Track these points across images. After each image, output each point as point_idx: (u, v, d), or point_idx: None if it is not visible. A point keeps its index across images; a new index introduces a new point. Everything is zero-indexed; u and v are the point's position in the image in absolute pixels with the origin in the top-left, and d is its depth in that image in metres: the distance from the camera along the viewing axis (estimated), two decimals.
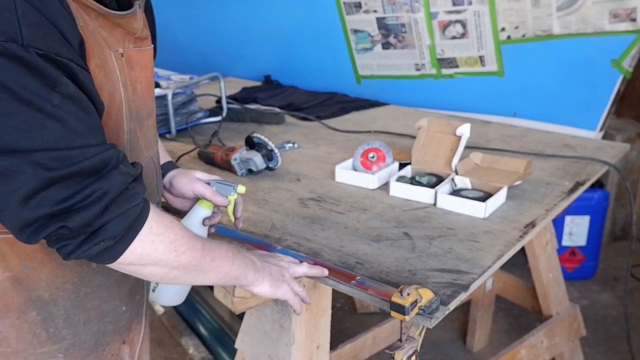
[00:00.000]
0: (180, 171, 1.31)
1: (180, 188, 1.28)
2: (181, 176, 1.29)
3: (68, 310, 1.05)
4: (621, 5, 2.15)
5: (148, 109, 1.10)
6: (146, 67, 1.08)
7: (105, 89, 0.94)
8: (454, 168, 1.70)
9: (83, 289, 1.06)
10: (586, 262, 3.36)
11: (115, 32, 0.99)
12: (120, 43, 1.00)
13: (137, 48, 1.05)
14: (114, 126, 0.99)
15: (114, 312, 1.13)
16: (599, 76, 2.33)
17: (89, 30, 0.91)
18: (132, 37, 1.03)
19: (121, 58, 1.00)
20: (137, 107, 1.06)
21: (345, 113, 2.55)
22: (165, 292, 1.28)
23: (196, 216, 1.26)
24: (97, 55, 0.92)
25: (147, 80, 1.09)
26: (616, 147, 2.04)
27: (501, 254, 1.33)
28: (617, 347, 2.82)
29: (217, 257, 1.04)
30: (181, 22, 3.27)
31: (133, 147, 1.05)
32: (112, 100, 0.96)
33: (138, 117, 1.06)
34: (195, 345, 2.63)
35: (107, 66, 0.95)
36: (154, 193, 1.17)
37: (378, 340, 2.24)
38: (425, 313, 1.09)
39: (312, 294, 1.40)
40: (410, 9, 2.53)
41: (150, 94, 1.11)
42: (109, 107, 0.95)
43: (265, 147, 1.82)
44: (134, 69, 1.04)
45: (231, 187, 1.27)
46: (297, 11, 2.86)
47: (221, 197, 1.26)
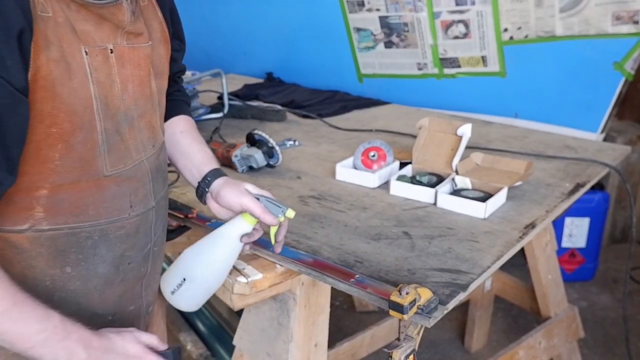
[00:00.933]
0: (229, 181, 1.24)
1: (228, 200, 1.20)
2: (230, 187, 1.22)
3: None
4: (624, 7, 2.15)
5: (140, 110, 1.05)
6: (139, 65, 1.03)
7: (67, 85, 0.89)
8: (455, 168, 1.70)
9: (57, 293, 1.01)
10: (585, 264, 3.36)
11: (103, 26, 0.95)
12: (109, 39, 0.97)
13: (130, 45, 1.01)
14: (85, 125, 0.93)
15: (96, 320, 1.06)
16: (600, 78, 2.33)
17: (57, 21, 0.87)
18: (124, 33, 0.99)
19: (109, 55, 0.96)
20: (127, 107, 1.01)
21: (347, 111, 2.55)
22: (185, 298, 1.22)
23: (236, 229, 1.20)
24: (57, 48, 0.87)
25: (141, 79, 1.04)
26: (617, 149, 2.04)
27: (500, 254, 1.33)
28: (615, 349, 2.82)
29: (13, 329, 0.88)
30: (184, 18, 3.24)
31: (114, 149, 1.00)
32: (77, 98, 0.91)
33: (127, 118, 1.01)
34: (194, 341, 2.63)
35: (72, 61, 0.90)
36: (145, 198, 1.10)
37: (376, 338, 2.25)
38: (424, 312, 1.09)
39: (311, 291, 1.40)
40: (413, 8, 2.53)
41: (144, 94, 1.05)
42: (73, 105, 0.91)
43: (266, 144, 1.82)
44: (125, 66, 1.00)
45: (280, 209, 1.20)
46: (300, 9, 2.86)
47: (271, 215, 1.18)
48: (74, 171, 0.95)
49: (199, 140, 1.32)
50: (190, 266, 1.21)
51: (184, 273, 1.21)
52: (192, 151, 1.28)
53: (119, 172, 1.02)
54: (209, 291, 1.24)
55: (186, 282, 1.19)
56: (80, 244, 1.00)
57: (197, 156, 1.28)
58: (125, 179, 1.03)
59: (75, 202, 0.97)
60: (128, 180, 1.04)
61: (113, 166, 1.00)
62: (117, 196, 1.03)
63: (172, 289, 1.21)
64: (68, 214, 0.97)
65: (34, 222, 0.95)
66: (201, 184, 1.25)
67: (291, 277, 1.35)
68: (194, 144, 1.30)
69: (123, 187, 1.04)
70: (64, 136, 0.92)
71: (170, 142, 1.28)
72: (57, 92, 0.88)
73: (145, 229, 1.11)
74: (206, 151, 1.30)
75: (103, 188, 1.00)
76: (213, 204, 1.25)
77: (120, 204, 1.04)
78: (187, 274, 1.20)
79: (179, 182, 1.71)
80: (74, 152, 0.94)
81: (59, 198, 0.95)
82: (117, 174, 1.01)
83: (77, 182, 0.96)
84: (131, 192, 1.06)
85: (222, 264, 1.21)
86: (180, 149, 1.29)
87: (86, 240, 1.01)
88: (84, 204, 0.98)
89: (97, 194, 1.00)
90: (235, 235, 1.20)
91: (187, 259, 1.22)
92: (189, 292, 1.21)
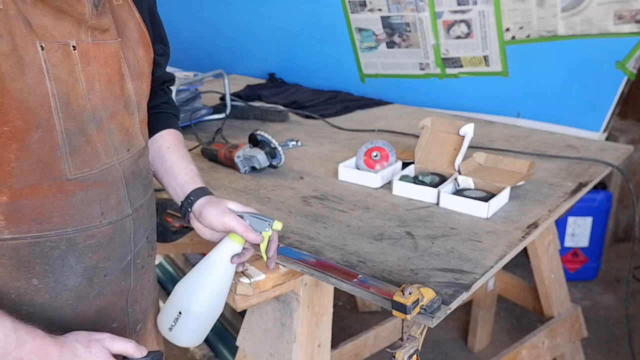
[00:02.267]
0: (212, 200, 1.19)
1: (210, 220, 1.15)
2: (212, 206, 1.17)
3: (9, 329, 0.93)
4: (626, 6, 2.15)
5: (110, 110, 1.00)
6: (106, 62, 0.98)
7: (19, 80, 0.85)
8: (457, 168, 1.70)
9: (24, 307, 0.95)
10: (588, 264, 3.35)
11: (64, 21, 0.91)
12: (72, 34, 0.92)
13: (95, 41, 0.96)
14: (41, 124, 0.89)
15: None
16: (603, 77, 2.33)
17: (8, 14, 0.84)
18: (87, 28, 0.95)
19: (71, 51, 0.92)
20: (94, 107, 0.96)
21: (349, 112, 2.55)
22: (184, 332, 1.15)
23: (224, 252, 1.14)
24: (6, 42, 0.83)
25: (109, 77, 0.99)
26: (620, 149, 2.03)
27: (503, 254, 1.33)
28: (618, 348, 2.82)
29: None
30: (186, 19, 3.27)
31: (77, 150, 0.94)
32: (31, 94, 0.87)
33: (94, 118, 0.96)
34: None
35: (25, 55, 0.86)
36: (119, 205, 1.04)
37: (379, 339, 2.25)
38: (427, 312, 1.09)
39: (314, 292, 1.40)
40: (415, 8, 2.53)
41: (113, 93, 1.00)
42: (27, 101, 0.86)
43: (269, 145, 1.82)
44: (91, 64, 0.95)
45: (266, 223, 1.15)
46: (302, 9, 2.86)
47: (254, 233, 1.14)
48: (33, 174, 0.90)
49: (185, 157, 1.28)
50: (184, 299, 1.14)
51: (178, 307, 1.14)
52: (177, 169, 1.24)
53: (85, 175, 0.96)
54: (208, 322, 1.17)
55: (182, 316, 1.13)
56: (46, 254, 0.95)
57: (181, 174, 1.24)
58: (93, 183, 0.98)
59: (37, 208, 0.92)
60: (97, 185, 0.99)
61: (77, 169, 0.95)
62: (85, 202, 0.97)
63: (169, 325, 1.15)
64: (31, 222, 0.92)
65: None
66: (184, 203, 1.21)
67: (294, 277, 1.35)
68: (180, 162, 1.25)
69: (91, 192, 0.98)
70: (18, 135, 0.87)
71: (156, 158, 1.25)
72: (7, 88, 0.84)
73: (122, 239, 1.05)
74: (191, 169, 1.26)
75: (68, 193, 0.95)
76: (196, 224, 1.21)
77: (89, 211, 0.98)
78: (182, 307, 1.13)
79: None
80: (30, 152, 0.89)
81: (20, 204, 0.90)
82: (82, 177, 0.96)
83: (39, 186, 0.91)
84: (101, 198, 1.00)
85: (216, 292, 1.15)
86: (166, 166, 1.25)
87: (52, 250, 0.95)
88: (48, 211, 0.93)
89: (61, 200, 0.94)
90: (225, 259, 1.14)
91: (180, 292, 1.15)
92: (186, 327, 1.14)
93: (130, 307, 1.13)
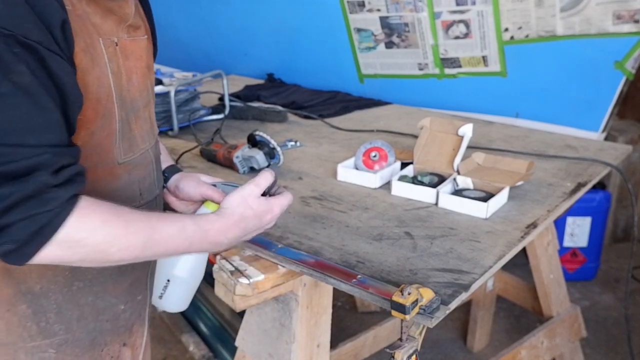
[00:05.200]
0: (185, 175, 1.29)
1: (188, 191, 1.24)
2: (187, 179, 1.26)
3: (60, 304, 1.03)
4: (625, 6, 2.15)
5: (144, 100, 1.09)
6: (141, 57, 1.07)
7: (92, 74, 0.93)
8: (456, 168, 1.70)
9: (75, 282, 1.04)
10: (587, 264, 3.35)
11: (108, 19, 0.98)
12: (114, 32, 0.99)
13: (130, 38, 1.04)
14: (106, 113, 0.97)
15: (110, 310, 1.11)
16: (602, 77, 2.33)
17: (77, 14, 0.90)
18: (125, 26, 1.02)
19: (115, 47, 0.99)
20: (133, 98, 1.04)
21: (348, 112, 2.55)
22: (173, 298, 1.26)
23: None
24: (83, 39, 0.91)
25: (142, 70, 1.08)
26: (618, 149, 2.03)
27: (502, 254, 1.33)
28: (617, 348, 2.82)
29: (164, 248, 0.97)
30: (184, 19, 3.27)
31: (125, 137, 1.04)
32: (100, 86, 0.95)
33: (133, 108, 1.05)
34: (196, 342, 2.64)
35: (94, 52, 0.93)
36: (151, 186, 1.15)
37: (378, 339, 2.25)
38: (426, 312, 1.09)
39: (313, 292, 1.40)
40: (414, 9, 2.53)
41: (146, 85, 1.09)
42: (98, 93, 0.94)
43: (268, 145, 1.82)
44: (129, 58, 1.03)
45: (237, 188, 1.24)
46: (301, 9, 2.86)
47: None
48: (92, 158, 0.98)
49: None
50: (170, 267, 1.24)
51: (166, 275, 1.24)
52: None
53: (130, 160, 1.06)
54: (193, 286, 1.29)
55: (170, 283, 1.24)
56: None
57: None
58: (134, 167, 1.07)
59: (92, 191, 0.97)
60: (136, 169, 1.08)
61: (125, 154, 1.04)
62: (128, 184, 1.07)
63: (159, 293, 1.25)
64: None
65: None
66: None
67: (293, 278, 1.35)
68: None
69: (133, 175, 1.07)
70: (87, 124, 0.94)
71: None
72: (86, 81, 0.92)
73: None
74: (162, 149, 1.33)
75: (116, 176, 1.04)
76: (171, 199, 1.28)
77: (132, 192, 1.08)
78: (169, 274, 1.24)
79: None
80: (94, 139, 0.97)
81: None
82: (128, 161, 1.05)
83: (94, 170, 0.98)
84: (139, 180, 1.10)
85: (199, 257, 1.26)
86: None
87: None
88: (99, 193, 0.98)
89: (111, 183, 1.03)
90: None
91: (165, 262, 1.25)
92: (175, 292, 1.25)
93: (149, 280, 1.22)
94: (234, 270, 1.32)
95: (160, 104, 2.13)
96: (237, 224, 1.05)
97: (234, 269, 1.32)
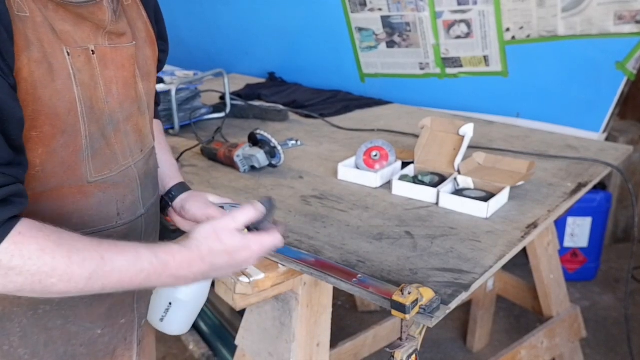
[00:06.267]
0: (193, 194, 1.24)
1: (194, 213, 1.19)
2: (194, 200, 1.21)
3: (24, 327, 0.97)
4: (626, 7, 2.15)
5: (126, 112, 1.01)
6: (123, 66, 0.99)
7: (50, 87, 0.86)
8: (457, 168, 1.70)
9: (41, 306, 0.98)
10: (588, 264, 3.35)
11: (83, 26, 0.92)
12: (90, 39, 0.93)
13: (112, 45, 0.97)
14: (67, 129, 0.90)
15: (84, 334, 1.04)
16: (603, 78, 2.33)
17: (36, 21, 0.84)
18: (105, 33, 0.96)
19: (90, 56, 0.93)
20: (112, 110, 0.97)
21: (349, 111, 2.55)
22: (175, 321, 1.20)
23: None
24: (37, 49, 0.84)
25: (125, 80, 1.00)
26: (619, 149, 2.03)
27: (503, 254, 1.33)
28: (617, 348, 2.82)
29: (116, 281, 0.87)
30: (186, 18, 3.27)
31: (98, 154, 0.96)
32: (60, 100, 0.88)
33: (112, 121, 0.98)
34: (196, 341, 2.63)
35: (54, 62, 0.87)
36: (133, 206, 1.07)
37: (378, 338, 2.25)
38: (426, 312, 1.09)
39: (313, 291, 1.40)
40: (416, 8, 2.53)
41: (129, 96, 1.02)
42: (56, 107, 0.87)
43: (268, 144, 1.82)
44: (108, 67, 0.96)
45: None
46: (302, 8, 2.86)
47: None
48: (56, 177, 0.92)
49: (166, 149, 1.30)
50: (173, 290, 1.17)
51: (168, 298, 1.18)
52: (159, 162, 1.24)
53: (105, 178, 0.98)
54: (196, 309, 1.22)
55: (172, 306, 1.17)
56: None
57: (163, 168, 1.25)
58: (111, 185, 1.00)
59: (57, 210, 0.93)
60: (114, 187, 1.01)
61: (98, 172, 0.97)
62: (102, 204, 0.99)
63: (159, 316, 1.19)
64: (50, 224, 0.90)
65: None
66: (165, 197, 1.24)
67: (293, 277, 1.35)
68: (161, 154, 1.26)
69: (109, 194, 1.00)
70: (45, 140, 0.88)
71: None
72: (38, 95, 0.85)
73: (134, 238, 1.07)
74: (172, 163, 1.29)
75: (87, 195, 0.96)
76: (176, 218, 1.24)
77: (107, 212, 1.00)
78: (171, 298, 1.17)
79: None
80: (55, 156, 0.90)
81: (40, 207, 0.91)
82: (102, 180, 0.98)
83: (60, 189, 0.93)
84: (118, 199, 1.02)
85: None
86: None
87: None
88: (67, 213, 0.94)
89: (81, 202, 0.96)
90: None
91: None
92: (177, 316, 1.19)
93: (136, 304, 1.15)
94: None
95: (161, 102, 2.13)
96: (203, 258, 0.94)
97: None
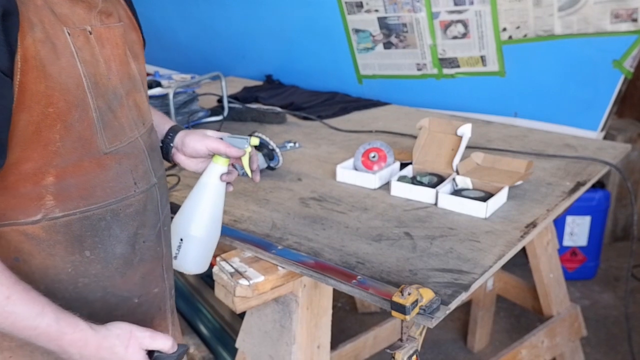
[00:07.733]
0: (189, 131, 1.29)
1: (194, 146, 1.25)
2: (192, 135, 1.27)
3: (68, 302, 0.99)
4: (623, 5, 2.15)
5: (126, 88, 1.07)
6: (117, 45, 1.05)
7: (57, 64, 0.91)
8: (455, 168, 1.70)
9: (80, 279, 1.03)
10: (587, 263, 3.36)
11: (77, 8, 0.97)
12: (85, 20, 0.98)
13: (104, 25, 1.03)
14: (79, 103, 0.95)
15: (124, 305, 1.09)
16: (600, 76, 2.33)
17: (36, 4, 0.89)
18: (97, 13, 1.01)
19: (88, 36, 0.98)
20: (114, 86, 1.03)
21: (347, 113, 2.55)
22: (188, 258, 1.24)
23: (212, 174, 1.23)
24: (40, 29, 0.89)
25: (121, 58, 1.06)
26: (617, 148, 2.04)
27: (502, 254, 1.33)
28: (617, 347, 2.82)
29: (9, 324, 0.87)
30: (183, 21, 3.27)
31: (108, 126, 1.01)
32: (68, 76, 0.93)
33: (116, 96, 1.04)
34: (196, 344, 2.63)
35: (57, 42, 0.92)
36: (146, 175, 1.12)
37: (379, 339, 2.25)
38: (426, 313, 1.09)
39: (313, 293, 1.40)
40: (412, 9, 2.53)
41: (126, 73, 1.08)
42: (65, 83, 0.93)
43: (267, 147, 1.82)
44: (105, 46, 1.02)
45: (244, 140, 1.24)
46: (299, 11, 2.86)
47: (235, 148, 1.23)
48: (76, 151, 0.97)
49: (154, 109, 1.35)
50: (183, 226, 1.23)
51: (179, 235, 1.23)
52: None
53: (117, 148, 1.04)
54: (210, 246, 1.26)
55: (184, 242, 1.22)
56: (95, 226, 1.02)
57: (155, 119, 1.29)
58: (124, 155, 1.05)
59: (82, 185, 0.98)
60: (127, 157, 1.06)
61: (111, 143, 1.02)
62: (119, 174, 1.05)
63: (173, 254, 1.23)
64: (78, 198, 0.98)
65: (47, 211, 0.96)
66: (165, 141, 1.29)
67: (293, 279, 1.35)
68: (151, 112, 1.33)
69: (124, 164, 1.06)
70: (61, 115, 0.93)
71: None
72: (48, 72, 0.90)
73: (152, 207, 1.13)
74: (160, 113, 1.34)
75: (105, 167, 1.02)
76: (180, 157, 1.29)
77: (125, 182, 1.06)
78: (183, 234, 1.23)
79: (179, 185, 1.71)
80: (72, 131, 0.95)
81: (67, 183, 0.97)
82: (115, 150, 1.03)
83: (80, 163, 0.97)
84: (132, 169, 1.08)
85: (212, 213, 1.24)
86: None
87: (99, 222, 1.02)
88: (91, 186, 1.00)
89: (101, 174, 1.01)
90: (214, 180, 1.23)
91: (179, 221, 1.24)
92: (189, 252, 1.23)
93: (165, 273, 1.19)
94: (233, 272, 1.32)
95: (159, 105, 2.13)
96: (99, 349, 0.93)
97: (234, 270, 1.32)
